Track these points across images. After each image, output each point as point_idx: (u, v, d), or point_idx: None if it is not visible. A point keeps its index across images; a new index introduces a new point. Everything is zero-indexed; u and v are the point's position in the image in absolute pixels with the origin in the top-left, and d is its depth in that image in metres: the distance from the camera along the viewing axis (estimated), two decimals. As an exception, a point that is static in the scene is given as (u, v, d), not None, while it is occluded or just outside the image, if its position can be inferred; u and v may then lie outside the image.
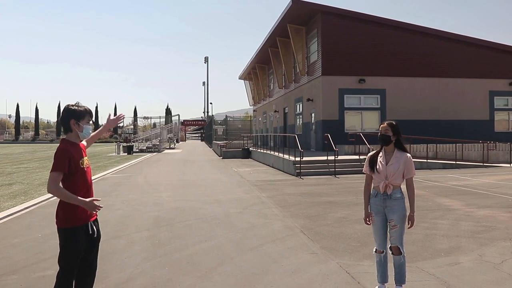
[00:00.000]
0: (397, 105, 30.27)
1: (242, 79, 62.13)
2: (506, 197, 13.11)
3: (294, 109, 37.15)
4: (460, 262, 6.70)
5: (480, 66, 31.61)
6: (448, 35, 31.60)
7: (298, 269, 6.41)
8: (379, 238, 5.29)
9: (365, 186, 5.40)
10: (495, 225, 9.23)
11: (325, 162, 21.76)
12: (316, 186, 16.50)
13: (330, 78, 29.55)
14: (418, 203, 12.16)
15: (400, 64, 30.44)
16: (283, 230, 9.05)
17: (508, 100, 32.60)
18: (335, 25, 29.63)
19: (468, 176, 19.45)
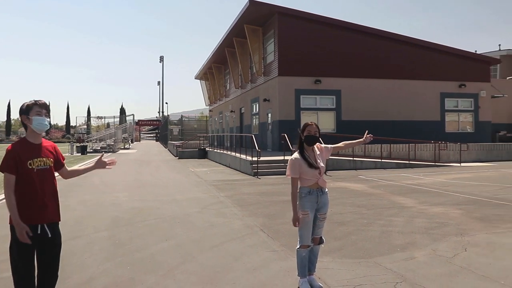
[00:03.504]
0: (352, 105, 30.78)
1: (198, 79, 61.88)
2: (457, 195, 13.54)
3: (251, 109, 37.29)
4: (415, 257, 6.92)
5: (432, 69, 32.47)
6: (402, 38, 32.34)
7: (260, 266, 6.51)
8: (309, 234, 5.50)
9: (294, 191, 5.49)
10: (447, 222, 9.55)
11: (282, 162, 21.94)
12: (273, 186, 16.66)
13: (287, 78, 29.80)
14: (374, 202, 12.49)
15: (355, 66, 30.96)
16: (243, 228, 9.14)
17: (458, 102, 33.60)
18: (291, 26, 29.91)
19: (421, 175, 19.97)
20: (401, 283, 5.72)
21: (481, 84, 33.90)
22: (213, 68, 49.71)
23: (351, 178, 18.81)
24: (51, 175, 4.41)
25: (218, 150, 32.27)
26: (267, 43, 32.73)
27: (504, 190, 14.68)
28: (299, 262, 5.56)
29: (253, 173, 20.55)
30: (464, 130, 33.74)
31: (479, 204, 11.88)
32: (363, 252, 7.23)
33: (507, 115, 39.70)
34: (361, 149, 24.79)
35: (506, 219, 9.75)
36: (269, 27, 31.79)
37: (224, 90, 49.33)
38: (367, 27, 31.82)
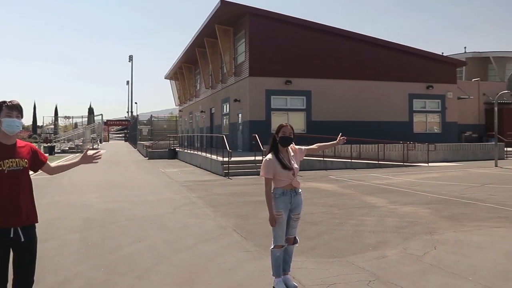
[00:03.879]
0: (322, 106, 31.02)
1: (168, 79, 61.56)
2: (426, 195, 13.79)
3: (221, 110, 37.27)
4: (387, 256, 7.06)
5: (401, 70, 32.95)
6: (372, 39, 32.75)
7: (234, 267, 6.55)
8: (283, 234, 5.58)
9: (268, 191, 5.57)
10: (417, 221, 9.73)
11: (253, 162, 22.03)
12: (245, 186, 16.71)
13: (257, 79, 29.88)
14: (345, 201, 12.64)
15: (325, 67, 31.21)
16: (216, 229, 9.17)
17: (426, 103, 34.16)
18: (263, 27, 30.00)
19: (390, 175, 20.26)
20: (374, 282, 5.83)
21: (448, 85, 34.55)
22: (184, 68, 49.54)
23: (322, 178, 18.98)
24: (24, 176, 4.29)
25: (188, 150, 32.19)
26: (238, 44, 32.77)
27: (470, 189, 15.00)
28: (273, 262, 5.62)
29: (224, 174, 20.57)
30: (431, 131, 34.34)
31: (447, 203, 12.13)
32: (336, 252, 7.33)
33: (472, 116, 40.57)
34: (331, 150, 25.00)
35: (472, 218, 9.98)
36: (240, 27, 31.84)
37: (194, 90, 49.19)
38: (338, 28, 32.15)
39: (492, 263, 6.59)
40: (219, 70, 37.22)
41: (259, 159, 21.67)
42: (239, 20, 31.56)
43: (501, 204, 11.85)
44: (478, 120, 41.05)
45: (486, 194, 13.72)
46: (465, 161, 27.99)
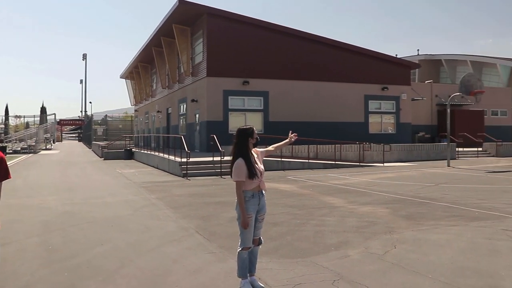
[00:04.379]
0: (280, 107, 31.23)
1: (123, 78, 60.77)
2: (383, 194, 14.09)
3: (178, 110, 37.08)
4: (349, 255, 7.20)
5: (357, 72, 33.48)
6: (329, 41, 33.14)
7: (200, 269, 6.56)
8: (251, 236, 5.64)
9: (241, 194, 5.61)
10: (376, 220, 9.95)
11: (211, 163, 22.00)
12: (204, 187, 16.69)
13: (215, 79, 29.85)
14: (304, 202, 12.78)
15: (283, 67, 31.43)
16: (178, 231, 9.14)
17: (381, 104, 34.83)
18: (220, 27, 29.98)
19: (347, 175, 20.58)
20: (339, 281, 5.95)
21: (402, 87, 35.33)
22: (140, 68, 49.02)
23: (280, 179, 19.11)
24: None
25: (145, 151, 31.87)
26: (195, 44, 32.65)
27: (425, 189, 15.40)
28: (240, 264, 5.66)
29: (183, 174, 20.47)
30: (386, 131, 35.03)
31: (404, 202, 12.43)
32: (299, 252, 7.43)
33: (425, 117, 41.57)
34: (289, 150, 25.20)
35: (429, 217, 10.27)
36: (198, 27, 31.74)
37: (150, 90, 48.75)
38: (295, 29, 32.40)
39: (450, 261, 6.81)
40: (176, 70, 37.00)
41: (217, 159, 21.67)
42: (197, 20, 31.46)
43: (455, 203, 12.22)
44: (430, 121, 42.09)
45: (440, 194, 14.12)
46: (419, 161, 28.67)
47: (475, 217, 10.14)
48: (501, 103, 45.56)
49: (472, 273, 6.22)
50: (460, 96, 27.00)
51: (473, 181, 17.69)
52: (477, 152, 33.48)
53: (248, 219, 5.54)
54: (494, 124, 44.07)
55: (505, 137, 41.03)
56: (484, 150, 34.50)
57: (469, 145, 35.49)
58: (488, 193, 14.26)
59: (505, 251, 7.34)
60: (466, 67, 54.13)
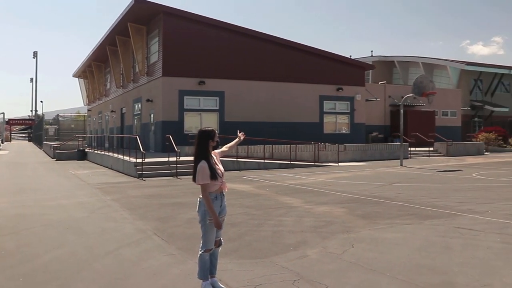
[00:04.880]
0: (235, 107, 31.25)
1: (76, 77, 59.60)
2: (339, 194, 14.27)
3: (132, 110, 36.66)
4: (308, 255, 7.26)
5: (312, 72, 33.81)
6: (284, 42, 33.35)
7: (159, 271, 6.50)
8: (213, 237, 5.64)
9: (208, 196, 5.52)
10: (333, 220, 10.07)
11: (166, 164, 21.83)
12: (160, 188, 16.55)
13: (171, 79, 29.63)
14: (261, 202, 12.83)
15: (239, 68, 31.46)
16: (136, 233, 9.04)
17: (336, 104, 35.28)
18: (177, 27, 29.78)
19: (302, 175, 20.74)
20: (299, 281, 5.99)
21: (357, 88, 35.89)
22: (93, 66, 48.17)
23: (236, 179, 19.11)
24: None
25: (99, 151, 31.34)
26: (151, 43, 32.33)
27: (379, 188, 15.68)
28: (201, 266, 5.64)
29: (138, 175, 20.23)
30: (341, 132, 35.51)
31: (360, 202, 12.62)
32: (258, 252, 7.45)
33: (379, 117, 42.35)
34: (244, 150, 25.23)
35: (384, 216, 10.46)
36: (153, 26, 31.43)
37: (104, 89, 47.99)
38: (251, 30, 32.50)
39: (406, 258, 6.96)
40: (131, 69, 36.55)
41: (173, 160, 21.51)
42: (153, 19, 31.16)
43: (409, 202, 12.49)
44: (384, 121, 42.90)
45: (394, 193, 14.40)
46: (373, 160, 29.16)
47: (428, 216, 10.39)
48: (451, 104, 46.86)
49: (428, 270, 6.38)
50: (412, 97, 27.55)
51: (425, 180, 18.12)
52: (429, 152, 34.33)
53: (210, 221, 5.52)
54: (444, 124, 45.28)
55: (455, 137, 42.22)
56: (435, 149, 35.41)
57: (421, 145, 36.36)
58: (440, 191, 14.64)
59: (458, 248, 7.54)
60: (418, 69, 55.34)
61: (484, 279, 5.99)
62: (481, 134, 41.02)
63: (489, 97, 56.14)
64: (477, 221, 9.63)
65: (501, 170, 22.08)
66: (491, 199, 12.83)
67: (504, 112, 54.24)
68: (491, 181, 17.33)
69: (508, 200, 12.52)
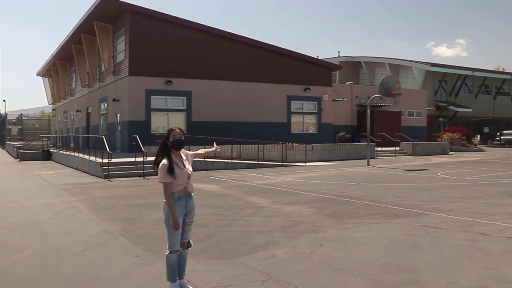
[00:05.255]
0: (203, 107, 31.13)
1: (40, 75, 58.52)
2: (307, 194, 14.32)
3: (98, 109, 36.18)
4: (276, 255, 7.25)
5: (280, 72, 33.92)
6: (252, 42, 33.38)
7: (127, 273, 6.40)
8: (179, 238, 5.60)
9: (169, 195, 5.52)
10: (302, 220, 10.09)
11: (133, 164, 21.60)
12: (127, 188, 16.36)
13: (137, 78, 29.34)
14: (229, 202, 12.77)
15: (206, 67, 31.34)
16: (103, 234, 8.89)
17: (303, 104, 35.48)
18: (144, 26, 29.49)
19: (270, 175, 20.76)
20: (268, 281, 5.97)
21: (324, 88, 36.16)
22: (58, 65, 47.35)
23: (204, 179, 19.02)
24: None
25: (64, 151, 30.83)
26: (117, 42, 31.95)
27: (347, 187, 15.79)
28: (169, 267, 5.58)
29: (104, 176, 19.96)
30: (308, 131, 35.72)
31: (328, 201, 12.68)
32: (227, 253, 7.41)
33: (346, 117, 42.76)
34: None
35: (352, 215, 10.53)
36: (120, 25, 31.06)
37: (69, 88, 47.24)
38: (219, 29, 32.41)
39: (374, 257, 7.01)
40: (97, 68, 36.09)
41: (140, 160, 21.30)
42: (119, 18, 30.80)
43: (376, 201, 12.61)
44: (351, 121, 43.33)
45: (362, 192, 14.52)
46: (340, 160, 29.35)
47: (395, 215, 10.49)
48: (417, 104, 47.63)
49: (395, 269, 6.43)
50: (379, 98, 27.87)
51: (392, 180, 18.33)
52: (395, 152, 34.77)
53: (175, 220, 5.46)
54: (410, 124, 45.99)
55: (420, 137, 42.90)
56: (401, 149, 35.87)
57: (388, 144, 36.82)
58: (406, 191, 14.81)
59: (425, 246, 7.63)
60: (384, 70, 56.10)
61: (450, 276, 6.07)
62: (445, 134, 41.73)
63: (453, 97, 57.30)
64: (443, 220, 9.77)
65: (465, 169, 22.48)
66: (456, 198, 13.04)
67: (468, 113, 55.41)
68: (455, 180, 17.62)
69: (472, 199, 12.74)
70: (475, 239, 8.07)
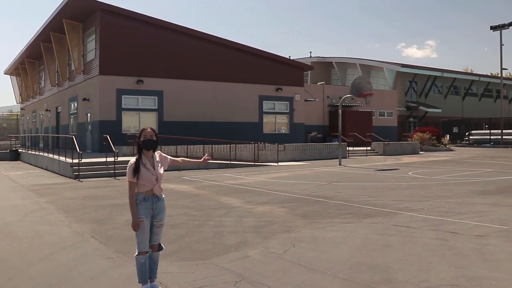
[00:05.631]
0: (174, 106, 30.96)
1: (8, 74, 57.42)
2: (279, 194, 14.32)
3: (68, 109, 35.70)
4: (249, 256, 7.21)
5: (252, 72, 33.95)
6: (225, 41, 33.30)
7: (98, 275, 6.29)
8: (146, 240, 5.52)
9: (132, 194, 5.51)
10: (274, 220, 10.07)
11: (104, 164, 21.34)
12: (97, 189, 16.15)
13: (108, 77, 29.02)
14: (202, 203, 12.70)
15: (178, 67, 31.17)
16: (73, 236, 8.74)
17: (275, 104, 35.57)
18: (114, 24, 29.16)
19: (242, 175, 20.72)
20: (241, 282, 5.93)
21: (296, 88, 36.30)
22: (26, 64, 46.52)
23: (176, 179, 18.90)
24: None
25: (33, 151, 30.33)
26: (87, 40, 31.55)
27: (319, 187, 15.84)
28: (138, 269, 5.51)
29: (74, 176, 19.68)
30: (280, 131, 35.82)
31: (300, 201, 12.70)
32: (199, 254, 7.35)
33: (317, 117, 42.98)
34: (184, 150, 25.04)
35: (324, 215, 10.56)
36: (90, 23, 30.67)
37: (38, 87, 46.47)
38: (191, 29, 32.24)
39: (347, 257, 7.03)
40: (67, 67, 35.61)
41: (111, 160, 21.05)
42: (90, 16, 30.40)
43: (348, 200, 12.67)
44: (322, 121, 43.58)
45: (334, 192, 14.58)
46: (312, 160, 29.47)
47: (367, 214, 10.56)
48: (388, 104, 48.15)
49: (368, 268, 6.45)
50: (350, 98, 28.12)
51: (363, 179, 18.46)
52: (366, 151, 35.06)
53: (138, 221, 5.41)
54: (381, 124, 46.48)
55: (391, 137, 43.35)
56: (372, 149, 36.20)
57: (359, 144, 37.10)
58: (378, 190, 14.93)
59: (397, 245, 7.68)
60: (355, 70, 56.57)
61: (422, 275, 6.12)
62: (416, 134, 42.26)
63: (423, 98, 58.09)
64: (414, 219, 9.87)
65: (435, 168, 22.77)
66: (426, 197, 13.18)
67: (437, 113, 56.27)
68: (426, 180, 17.83)
69: (442, 198, 12.90)
70: (446, 237, 8.16)
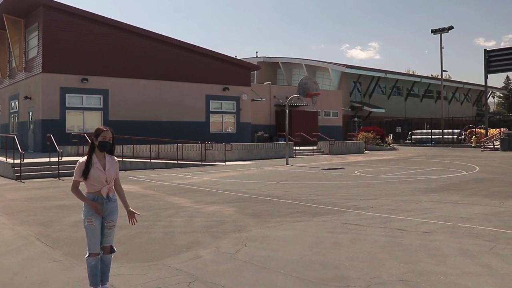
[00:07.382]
0: (120, 105, 30.50)
1: None
2: (228, 193, 14.31)
3: (9, 107, 34.58)
4: (201, 256, 7.17)
5: (199, 72, 33.81)
6: (171, 40, 33.02)
7: (46, 280, 6.10)
8: (97, 241, 5.43)
9: (75, 189, 5.43)
10: (224, 219, 10.06)
11: (48, 164, 20.78)
12: (41, 190, 15.71)
13: (51, 75, 28.27)
14: (150, 203, 12.55)
15: (124, 66, 30.71)
16: (17, 239, 8.46)
17: (222, 104, 35.56)
18: (58, 21, 28.43)
19: (190, 174, 20.60)
20: (194, 282, 5.88)
21: (243, 88, 36.39)
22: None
23: (122, 180, 18.12)
24: None
25: (-29, 152, 29.20)
26: (30, 37, 30.64)
27: (267, 186, 15.92)
28: (89, 271, 5.39)
29: (16, 177, 19.07)
30: (227, 131, 35.83)
31: (249, 201, 12.73)
32: (150, 255, 7.25)
33: (264, 117, 43.22)
34: (130, 150, 24.69)
35: (274, 214, 10.62)
36: (33, 19, 29.78)
37: (-24, 85, 44.77)
38: (137, 27, 31.84)
39: (299, 255, 7.09)
40: (7, 64, 34.52)
41: (54, 160, 20.51)
42: (32, 12, 29.54)
43: (297, 199, 12.79)
44: (269, 121, 43.85)
45: (282, 191, 14.69)
46: (259, 159, 29.63)
47: (316, 213, 10.68)
48: (333, 104, 48.93)
49: (320, 266, 6.53)
50: (297, 98, 28.43)
51: (311, 178, 18.68)
52: (313, 151, 35.53)
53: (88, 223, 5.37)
54: (327, 124, 47.19)
55: (337, 136, 44.14)
56: (318, 148, 36.72)
57: (305, 144, 37.57)
58: (325, 189, 15.14)
59: (347, 243, 7.81)
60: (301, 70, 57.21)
61: (373, 271, 6.24)
62: (361, 134, 43.12)
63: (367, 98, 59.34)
64: (363, 217, 10.06)
65: (380, 167, 23.29)
66: (373, 195, 13.47)
67: (381, 113, 57.60)
68: (372, 178, 18.21)
69: (389, 196, 13.21)
70: (394, 234, 8.35)
